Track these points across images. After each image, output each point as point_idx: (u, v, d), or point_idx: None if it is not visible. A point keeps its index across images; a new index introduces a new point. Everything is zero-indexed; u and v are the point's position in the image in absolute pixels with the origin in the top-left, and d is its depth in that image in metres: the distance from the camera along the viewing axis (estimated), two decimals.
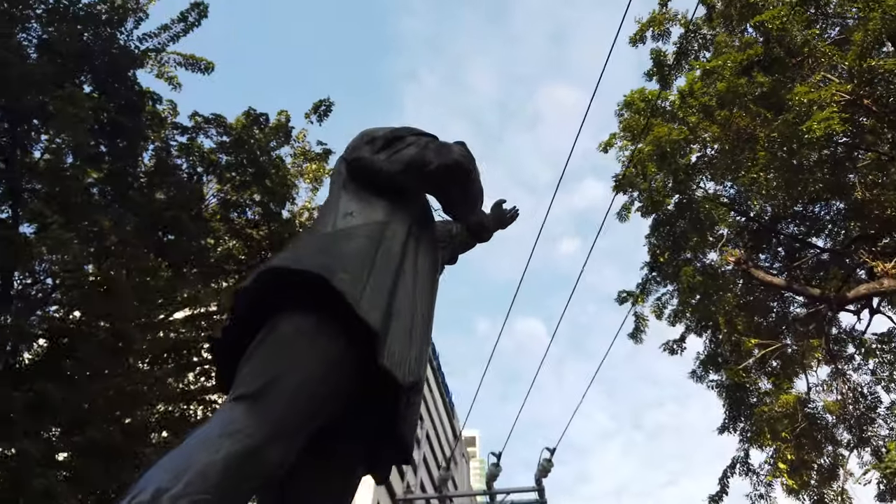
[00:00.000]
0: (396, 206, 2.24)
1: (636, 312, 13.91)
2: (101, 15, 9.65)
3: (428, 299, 2.16)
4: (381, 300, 1.79)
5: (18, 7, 9.52)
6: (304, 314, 1.70)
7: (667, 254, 13.75)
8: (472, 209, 2.51)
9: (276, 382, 1.53)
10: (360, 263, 1.86)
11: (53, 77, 8.65)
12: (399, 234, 2.11)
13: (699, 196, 13.45)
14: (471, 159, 2.30)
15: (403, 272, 2.02)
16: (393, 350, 1.74)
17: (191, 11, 10.63)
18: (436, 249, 2.42)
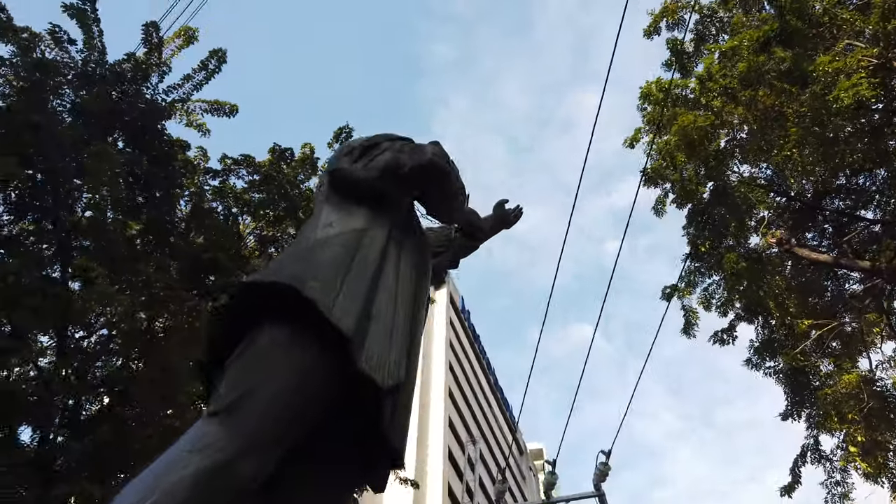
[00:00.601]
0: (377, 212, 2.28)
1: (684, 306, 13.61)
2: (126, 73, 10.08)
3: (412, 301, 2.18)
4: (356, 305, 1.81)
5: (50, 75, 10.04)
6: (280, 326, 1.73)
7: (707, 243, 13.46)
8: (453, 207, 2.53)
9: (249, 395, 1.54)
10: (334, 271, 1.89)
11: (86, 137, 9.06)
12: (378, 240, 2.14)
13: (734, 181, 13.16)
14: (445, 157, 2.33)
15: (384, 276, 2.05)
16: (371, 354, 1.76)
17: (210, 59, 11.03)
18: (423, 252, 2.44)
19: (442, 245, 3.13)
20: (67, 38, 10.12)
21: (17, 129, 8.73)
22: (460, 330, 52.04)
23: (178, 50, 11.60)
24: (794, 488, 12.93)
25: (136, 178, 10.04)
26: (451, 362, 45.34)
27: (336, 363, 1.73)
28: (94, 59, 10.39)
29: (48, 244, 10.61)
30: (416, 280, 2.28)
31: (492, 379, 57.84)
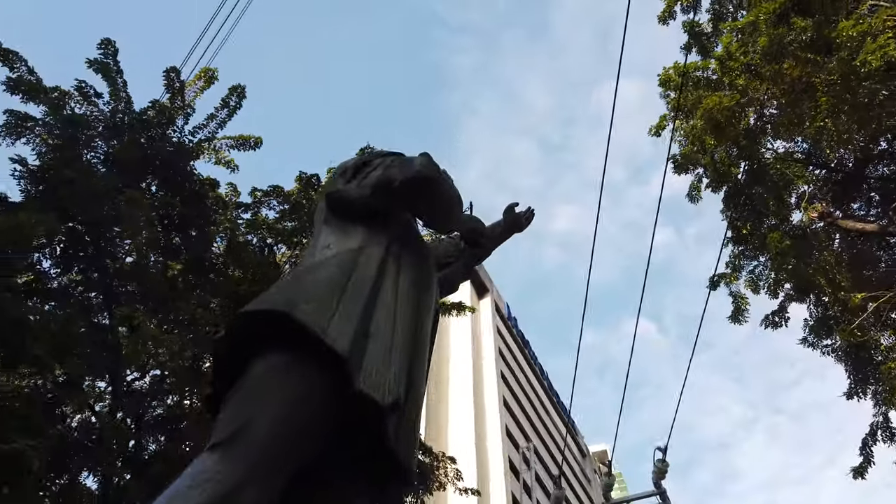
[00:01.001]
0: (374, 230, 2.28)
1: (732, 292, 13.24)
2: (152, 120, 10.38)
3: (415, 316, 2.16)
4: (353, 325, 1.80)
5: (81, 130, 10.42)
6: (277, 352, 1.72)
7: (748, 225, 13.10)
8: (448, 217, 2.50)
9: (248, 425, 1.54)
10: (329, 292, 1.89)
11: (120, 186, 9.35)
12: (375, 258, 2.13)
13: (769, 158, 12.80)
14: (433, 168, 2.31)
15: (382, 293, 2.04)
16: (370, 372, 1.74)
17: (230, 96, 11.29)
18: (425, 265, 2.43)
19: (451, 256, 3.11)
20: (94, 92, 10.50)
21: (54, 185, 9.07)
22: (509, 337, 51.75)
23: (201, 91, 11.89)
24: (867, 469, 12.40)
25: (171, 220, 10.31)
26: (503, 371, 45.08)
27: (336, 385, 1.71)
28: (122, 110, 10.75)
29: (96, 292, 10.97)
30: (417, 294, 2.26)
31: (546, 384, 57.26)
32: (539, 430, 47.91)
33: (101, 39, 10.60)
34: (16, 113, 10.41)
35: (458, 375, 41.92)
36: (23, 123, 10.38)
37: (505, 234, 3.45)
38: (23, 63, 10.48)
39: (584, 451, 64.05)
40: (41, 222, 7.02)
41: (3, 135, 10.34)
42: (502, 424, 39.13)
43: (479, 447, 36.49)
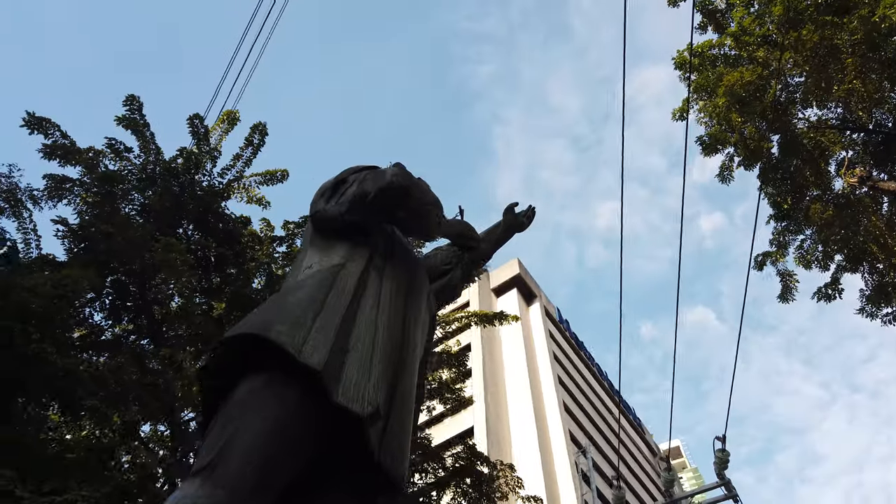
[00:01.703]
0: (356, 245, 2.31)
1: (779, 270, 12.83)
2: (180, 167, 10.71)
3: (400, 323, 2.17)
4: (328, 340, 1.83)
5: (116, 185, 10.81)
6: (257, 374, 1.76)
7: (788, 199, 12.71)
8: (426, 223, 2.51)
9: (228, 447, 1.56)
10: (305, 310, 1.91)
11: (156, 234, 9.66)
12: (355, 272, 2.16)
13: (802, 128, 12.42)
14: (405, 176, 2.33)
15: (363, 305, 2.06)
16: (348, 384, 1.76)
17: (253, 135, 11.56)
18: (414, 272, 2.44)
19: (449, 262, 3.11)
20: (124, 147, 10.89)
21: (94, 241, 9.43)
22: (562, 341, 51.16)
23: (225, 134, 12.22)
24: None
25: (208, 261, 10.58)
26: (560, 375, 44.53)
27: (316, 400, 1.73)
28: (152, 161, 11.13)
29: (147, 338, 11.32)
30: (404, 302, 2.28)
31: (606, 384, 56.32)
32: (604, 432, 47.09)
33: (126, 96, 11.02)
34: (55, 177, 10.87)
35: (514, 385, 41.62)
36: (62, 186, 10.83)
37: (505, 234, 3.43)
38: (56, 129, 10.96)
39: (654, 448, 62.62)
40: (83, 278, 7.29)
41: (45, 199, 10.81)
42: (565, 429, 38.60)
43: (544, 454, 36.07)
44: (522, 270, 49.94)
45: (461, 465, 12.78)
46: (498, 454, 34.70)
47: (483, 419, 36.53)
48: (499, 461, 14.01)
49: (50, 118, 10.93)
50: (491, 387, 39.90)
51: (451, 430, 36.91)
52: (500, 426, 38.07)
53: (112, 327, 11.26)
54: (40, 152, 10.92)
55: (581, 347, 55.33)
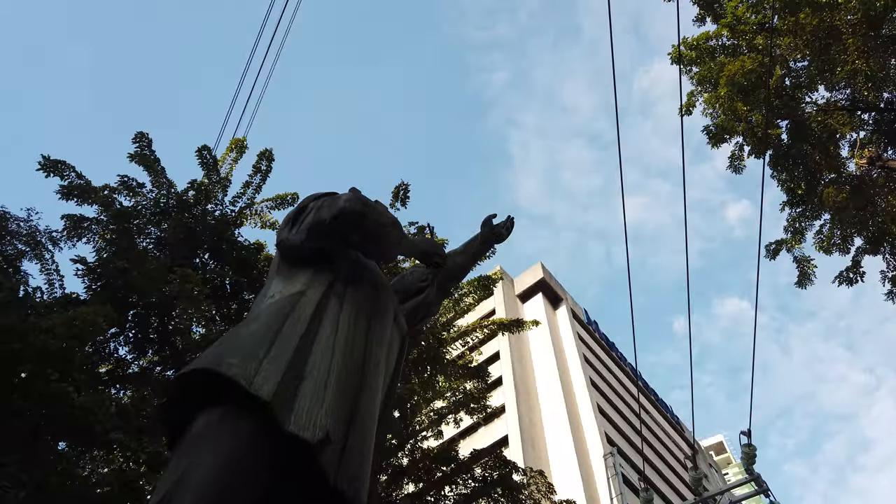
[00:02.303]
0: (319, 271, 2.38)
1: (795, 257, 12.63)
2: (191, 199, 10.92)
3: (362, 344, 2.22)
4: (281, 369, 1.88)
5: (132, 220, 11.06)
6: (213, 408, 1.81)
7: (801, 184, 12.53)
8: (383, 243, 2.56)
9: (182, 483, 1.60)
10: (259, 340, 1.97)
11: (171, 266, 9.86)
12: (313, 298, 2.22)
13: (810, 111, 12.26)
14: (358, 200, 2.39)
15: (321, 330, 2.12)
16: (301, 412, 1.81)
17: (261, 161, 11.76)
18: (378, 295, 2.49)
19: (425, 280, 3.17)
20: (136, 183, 11.15)
21: (111, 277, 9.66)
22: (591, 342, 50.73)
23: (235, 162, 12.43)
24: None
25: (224, 289, 10.75)
26: (592, 378, 44.13)
27: (270, 429, 1.78)
28: (165, 194, 11.37)
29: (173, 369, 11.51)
30: (367, 323, 2.33)
31: (641, 383, 55.63)
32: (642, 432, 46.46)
33: (135, 134, 11.28)
34: (72, 217, 11.15)
35: (546, 390, 41.35)
36: (80, 225, 11.10)
37: (482, 246, 3.48)
38: (71, 170, 11.24)
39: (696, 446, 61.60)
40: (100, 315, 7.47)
41: (65, 239, 11.09)
42: (601, 432, 38.20)
43: (581, 458, 35.73)
44: (546, 274, 49.72)
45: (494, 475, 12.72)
46: (534, 460, 34.46)
47: (517, 427, 36.34)
48: (529, 468, 13.94)
49: (65, 160, 11.23)
50: (523, 394, 39.71)
51: (485, 439, 36.76)
52: (534, 432, 37.84)
53: (137, 360, 11.48)
54: (58, 193, 11.21)
55: (612, 348, 54.78)
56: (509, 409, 37.97)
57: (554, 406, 39.61)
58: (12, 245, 11.03)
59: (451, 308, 12.84)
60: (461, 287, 12.84)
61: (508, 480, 12.77)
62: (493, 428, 37.96)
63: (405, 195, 12.02)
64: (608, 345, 53.92)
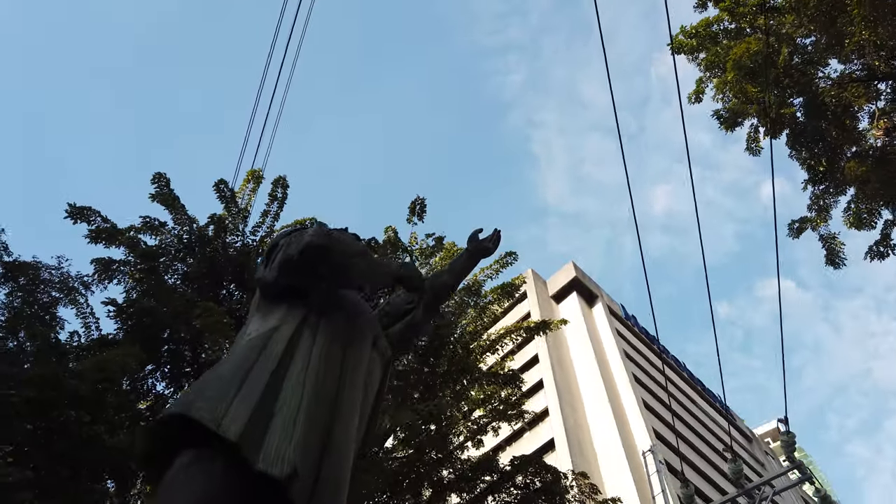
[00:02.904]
0: (293, 306, 2.46)
1: (821, 235, 12.35)
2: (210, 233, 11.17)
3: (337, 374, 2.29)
4: (250, 407, 1.96)
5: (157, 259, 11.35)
6: (187, 451, 1.91)
7: (823, 160, 12.27)
8: (352, 272, 2.62)
9: None
10: (230, 380, 2.06)
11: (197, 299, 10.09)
12: (286, 334, 2.30)
13: (825, 86, 12.01)
14: (322, 235, 2.47)
15: (292, 365, 2.19)
16: (270, 449, 1.88)
17: (276, 189, 11.98)
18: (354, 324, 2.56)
19: (411, 301, 3.23)
20: (158, 222, 11.45)
21: (141, 315, 9.94)
22: (632, 337, 50.12)
23: (253, 193, 12.68)
24: None
25: None
26: (634, 373, 43.57)
27: (241, 468, 1.86)
28: (186, 230, 11.65)
29: None
30: (342, 353, 2.39)
31: (686, 374, 54.74)
32: (691, 424, 45.65)
33: (153, 174, 11.60)
34: (101, 260, 11.50)
35: (589, 390, 40.95)
36: (109, 268, 11.44)
37: (469, 261, 3.52)
38: (97, 215, 11.60)
39: (749, 434, 60.24)
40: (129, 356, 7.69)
41: (96, 283, 11.44)
42: (648, 428, 37.64)
43: (630, 455, 35.23)
44: (579, 273, 49.34)
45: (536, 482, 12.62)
46: (582, 462, 34.12)
47: (562, 429, 36.04)
48: (571, 471, 13.81)
49: (90, 206, 11.59)
50: (565, 395, 39.37)
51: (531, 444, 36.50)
52: (580, 434, 37.47)
53: (175, 395, 11.75)
54: (86, 238, 11.57)
55: (654, 341, 53.96)
56: (553, 412, 37.68)
57: (598, 405, 39.19)
58: (46, 293, 11.43)
59: (477, 317, 12.84)
60: (485, 295, 12.85)
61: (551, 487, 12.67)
62: (538, 432, 37.69)
63: (422, 210, 12.10)
64: (649, 338, 53.13)
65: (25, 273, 10.78)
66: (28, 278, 10.80)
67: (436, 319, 3.64)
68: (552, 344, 42.51)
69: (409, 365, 12.14)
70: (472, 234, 3.57)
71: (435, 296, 3.25)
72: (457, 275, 3.45)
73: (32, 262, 11.07)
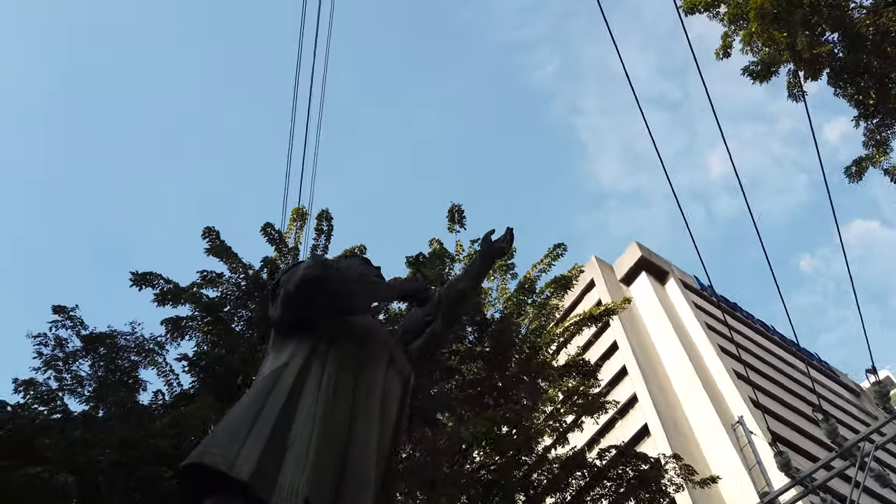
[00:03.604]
0: (303, 339, 2.55)
1: (885, 169, 11.69)
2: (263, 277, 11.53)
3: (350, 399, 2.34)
4: (261, 445, 2.05)
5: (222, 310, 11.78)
6: (212, 494, 2.01)
7: (872, 93, 11.64)
8: (351, 300, 2.67)
9: None
10: (242, 422, 2.15)
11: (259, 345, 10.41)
12: (295, 367, 2.38)
13: (857, 18, 11.41)
14: (315, 266, 2.54)
15: (303, 399, 2.27)
16: (284, 483, 1.98)
17: (321, 222, 12.26)
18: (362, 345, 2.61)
19: (430, 313, 3.27)
20: (215, 274, 11.90)
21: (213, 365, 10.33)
22: (711, 308, 48.53)
23: (300, 230, 13.02)
24: None
25: None
26: (720, 344, 42.18)
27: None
28: (243, 277, 12.06)
29: None
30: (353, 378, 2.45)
31: (777, 337, 52.53)
32: (789, 387, 43.76)
33: (203, 230, 12.07)
34: (170, 319, 12.02)
35: (675, 369, 39.86)
36: (178, 326, 11.95)
37: (483, 264, 3.51)
38: (159, 278, 12.15)
39: (856, 388, 57.23)
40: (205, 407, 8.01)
41: (169, 341, 11.96)
42: (744, 397, 36.33)
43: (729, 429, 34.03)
44: (644, 251, 48.20)
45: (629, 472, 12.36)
46: (680, 442, 33.18)
47: (653, 412, 35.20)
48: (662, 454, 13.46)
49: (152, 271, 12.15)
50: (652, 378, 38.46)
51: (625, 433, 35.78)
52: (674, 414, 36.51)
53: None
54: (153, 302, 12.12)
55: (736, 308, 52.11)
56: (641, 397, 36.88)
57: (687, 382, 38.11)
58: (126, 358, 12.03)
59: (538, 314, 12.72)
60: (542, 291, 12.72)
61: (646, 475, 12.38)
62: (630, 420, 36.93)
63: (461, 217, 12.13)
64: (731, 306, 51.32)
65: (104, 343, 11.36)
66: (107, 347, 11.38)
67: (456, 329, 3.66)
68: (629, 329, 41.66)
69: (479, 373, 12.13)
70: (485, 236, 3.56)
71: (451, 305, 3.26)
72: (472, 279, 3.45)
73: (109, 332, 11.65)
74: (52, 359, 11.13)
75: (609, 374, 39.90)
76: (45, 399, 9.47)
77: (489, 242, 3.52)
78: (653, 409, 35.31)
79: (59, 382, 10.95)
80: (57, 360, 11.18)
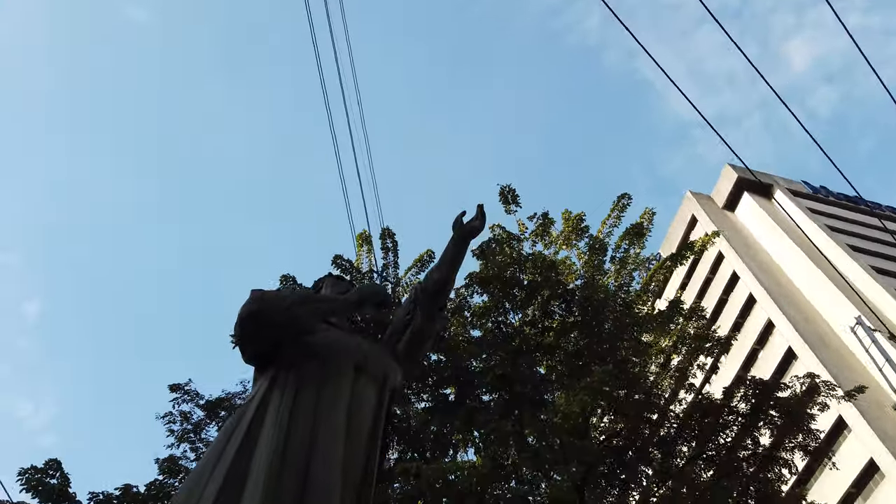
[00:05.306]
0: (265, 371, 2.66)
1: None
2: None
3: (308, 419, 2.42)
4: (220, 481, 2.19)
5: None
6: None
7: None
8: (298, 323, 2.73)
9: None
10: (205, 463, 2.30)
11: None
12: (256, 399, 2.51)
13: None
14: (253, 301, 2.65)
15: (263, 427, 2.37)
16: None
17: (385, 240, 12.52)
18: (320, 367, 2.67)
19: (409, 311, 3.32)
20: None
21: None
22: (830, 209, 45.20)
23: (370, 253, 13.35)
24: None
25: None
26: (849, 243, 39.18)
27: None
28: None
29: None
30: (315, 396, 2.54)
31: None
32: None
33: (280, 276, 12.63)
34: None
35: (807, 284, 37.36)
36: None
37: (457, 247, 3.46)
38: None
39: None
40: None
41: None
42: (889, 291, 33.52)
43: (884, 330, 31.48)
44: (740, 171, 45.41)
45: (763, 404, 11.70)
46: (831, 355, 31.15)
47: (793, 333, 33.19)
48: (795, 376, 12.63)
49: None
50: (783, 298, 36.25)
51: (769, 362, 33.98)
52: (818, 329, 34.26)
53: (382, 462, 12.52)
54: None
55: (859, 201, 48.05)
56: (777, 321, 34.87)
57: (825, 293, 35.62)
58: None
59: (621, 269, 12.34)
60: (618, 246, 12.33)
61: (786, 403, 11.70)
62: (773, 346, 35.07)
63: (513, 197, 12.00)
64: (852, 200, 47.41)
65: (223, 407, 12.14)
66: (226, 410, 12.15)
67: (440, 321, 3.60)
68: (745, 254, 39.57)
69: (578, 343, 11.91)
70: (457, 219, 3.51)
71: (431, 297, 3.26)
72: (448, 266, 3.41)
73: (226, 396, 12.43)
74: (184, 433, 12.04)
75: (737, 308, 38.01)
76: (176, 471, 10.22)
77: (461, 224, 3.48)
78: (792, 330, 33.27)
79: (195, 452, 11.83)
80: (189, 433, 12.07)
